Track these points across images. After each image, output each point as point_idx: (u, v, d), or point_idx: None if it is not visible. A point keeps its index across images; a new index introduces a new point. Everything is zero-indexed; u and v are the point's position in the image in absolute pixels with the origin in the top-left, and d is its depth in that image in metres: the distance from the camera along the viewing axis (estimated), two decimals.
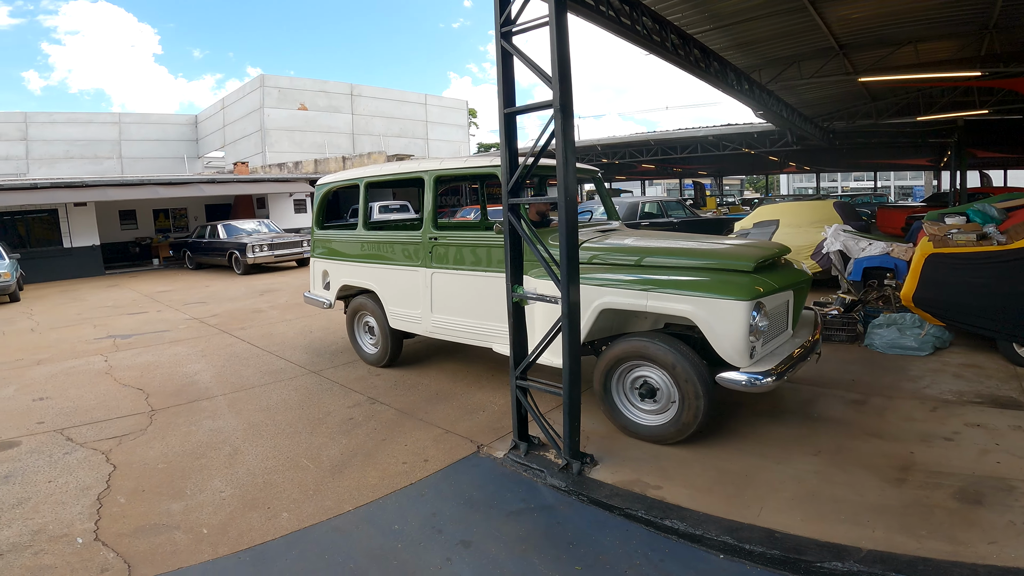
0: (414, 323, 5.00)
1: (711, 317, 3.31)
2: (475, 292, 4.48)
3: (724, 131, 16.95)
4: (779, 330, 3.80)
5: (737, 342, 3.25)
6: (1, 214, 15.47)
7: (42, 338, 7.67)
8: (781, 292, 3.59)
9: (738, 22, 6.17)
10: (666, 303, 3.44)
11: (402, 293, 5.05)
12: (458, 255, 4.61)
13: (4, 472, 3.53)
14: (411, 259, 4.94)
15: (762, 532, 2.65)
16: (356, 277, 5.53)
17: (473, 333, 4.54)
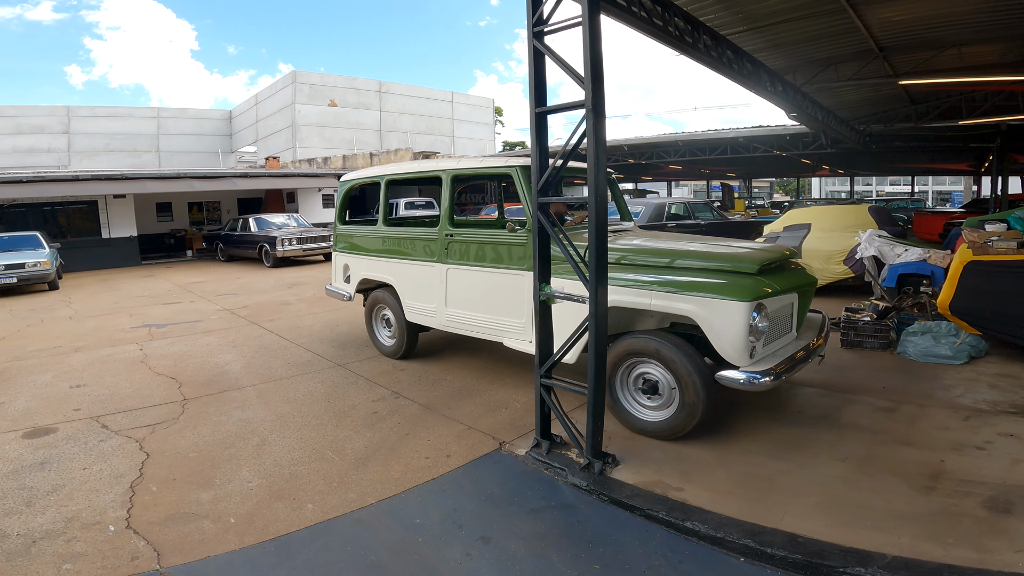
0: (429, 317, 5.15)
1: (712, 317, 3.39)
2: (488, 288, 4.61)
3: (755, 133, 16.66)
4: (782, 332, 3.84)
5: (737, 342, 3.33)
6: (42, 205, 16.06)
7: (80, 326, 7.94)
8: (784, 295, 3.64)
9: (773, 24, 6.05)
10: (669, 302, 3.54)
11: (418, 287, 5.20)
12: (472, 252, 4.75)
13: (41, 458, 3.63)
14: (428, 255, 5.09)
15: (784, 536, 2.63)
16: (375, 271, 5.70)
17: (485, 327, 4.67)
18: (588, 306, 3.18)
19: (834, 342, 5.71)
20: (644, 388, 3.77)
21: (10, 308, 9.76)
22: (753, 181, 38.17)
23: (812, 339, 4.06)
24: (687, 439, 3.60)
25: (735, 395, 4.35)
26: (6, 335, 7.46)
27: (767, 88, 7.32)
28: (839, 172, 30.58)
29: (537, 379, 3.53)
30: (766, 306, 3.44)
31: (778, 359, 3.54)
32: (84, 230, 16.69)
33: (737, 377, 3.36)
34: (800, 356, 3.72)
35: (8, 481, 3.31)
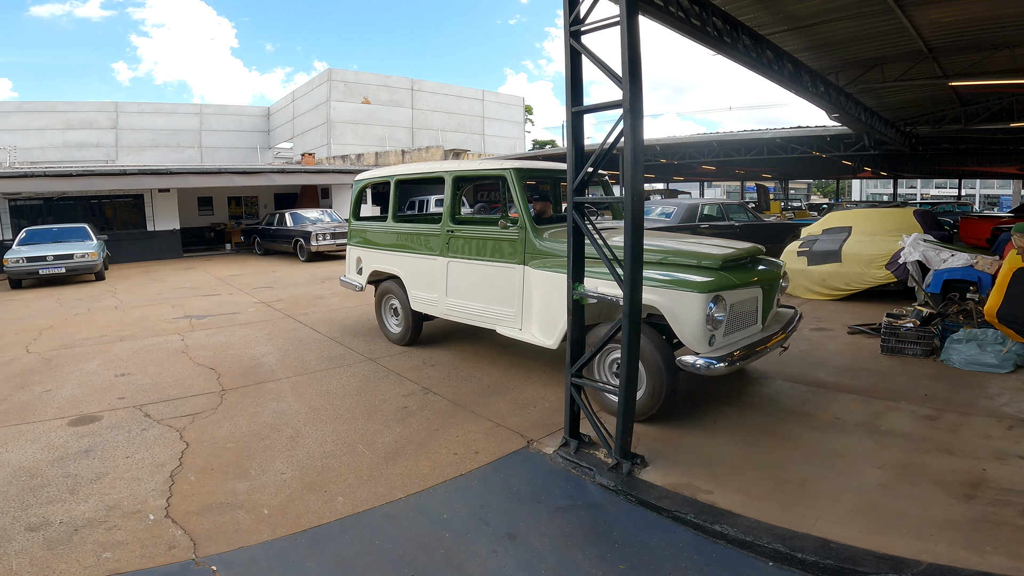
0: (432, 306, 5.58)
1: (674, 307, 3.70)
2: (483, 279, 5.02)
3: (793, 133, 16.25)
4: (746, 323, 4.10)
5: (696, 330, 3.64)
6: (90, 198, 16.72)
7: (125, 316, 8.26)
8: (745, 289, 3.95)
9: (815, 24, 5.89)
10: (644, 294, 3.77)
11: (423, 279, 5.63)
12: (470, 247, 5.17)
13: (86, 446, 3.74)
14: (431, 249, 5.53)
15: (816, 541, 2.58)
16: (385, 264, 6.15)
17: (481, 316, 5.07)
18: (623, 305, 3.17)
19: (874, 348, 5.57)
20: (618, 372, 3.91)
21: (58, 297, 10.21)
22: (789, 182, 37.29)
23: (778, 331, 4.30)
24: (717, 442, 3.58)
25: (770, 402, 4.28)
26: (55, 323, 7.81)
27: (808, 89, 7.14)
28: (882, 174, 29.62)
29: (568, 378, 3.53)
30: (724, 298, 3.73)
31: (737, 347, 3.82)
32: (130, 223, 17.33)
33: (695, 362, 3.63)
34: (761, 347, 3.99)
35: (53, 468, 3.42)
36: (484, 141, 39.72)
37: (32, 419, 4.20)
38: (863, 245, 8.04)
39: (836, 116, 9.68)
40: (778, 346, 4.26)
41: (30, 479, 3.28)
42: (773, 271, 4.40)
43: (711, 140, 18.47)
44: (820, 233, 8.93)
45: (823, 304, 7.81)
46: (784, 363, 5.20)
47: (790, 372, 4.96)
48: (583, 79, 3.35)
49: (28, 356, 6.04)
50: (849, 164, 22.45)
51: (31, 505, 3.00)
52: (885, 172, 27.88)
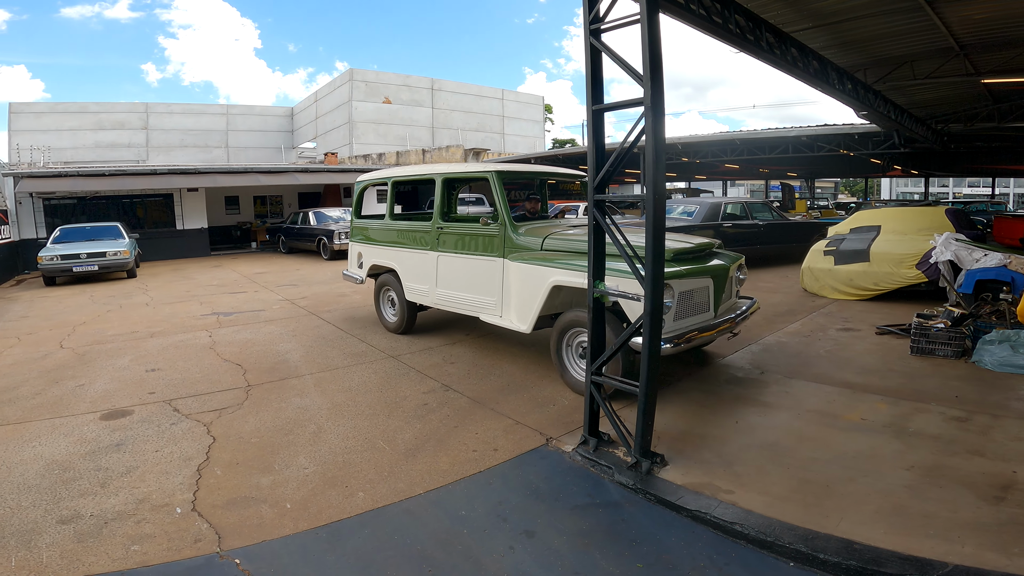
0: (424, 296, 6.09)
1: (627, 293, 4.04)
2: (468, 272, 5.49)
3: (820, 132, 15.92)
4: (698, 310, 4.45)
5: None
6: (122, 197, 17.18)
7: (155, 312, 8.48)
8: (694, 279, 4.38)
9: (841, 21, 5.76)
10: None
11: (416, 272, 6.14)
12: (456, 242, 5.64)
13: (117, 440, 3.83)
14: (423, 245, 6.02)
15: (839, 542, 2.55)
16: (383, 258, 6.69)
17: (466, 304, 5.55)
18: (644, 304, 3.16)
19: (903, 349, 5.46)
20: (582, 354, 4.50)
21: (91, 294, 10.52)
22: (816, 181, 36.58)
23: (729, 318, 4.65)
24: (739, 443, 3.54)
25: (794, 403, 4.23)
26: (88, 320, 8.05)
27: (835, 86, 6.99)
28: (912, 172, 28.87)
29: (588, 376, 3.53)
30: (672, 287, 4.09)
31: (687, 331, 4.19)
32: (160, 222, 17.76)
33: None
34: (708, 332, 4.39)
35: (86, 462, 3.51)
36: (504, 140, 39.79)
37: (65, 413, 4.34)
38: (893, 244, 7.87)
39: (864, 114, 9.46)
40: (727, 332, 4.67)
41: (62, 472, 3.37)
42: (725, 264, 4.74)
43: (734, 138, 18.20)
44: (847, 232, 8.76)
45: (850, 304, 7.66)
46: (810, 364, 5.12)
47: (816, 373, 4.88)
48: (603, 77, 3.35)
49: (62, 351, 6.24)
50: (878, 162, 21.93)
51: (63, 498, 3.09)
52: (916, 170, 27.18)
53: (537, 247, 4.96)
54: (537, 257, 4.83)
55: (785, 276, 10.04)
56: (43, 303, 9.78)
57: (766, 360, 5.30)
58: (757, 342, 5.90)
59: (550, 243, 4.93)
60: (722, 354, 5.49)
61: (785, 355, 5.45)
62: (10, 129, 33.61)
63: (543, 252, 4.90)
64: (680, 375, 4.90)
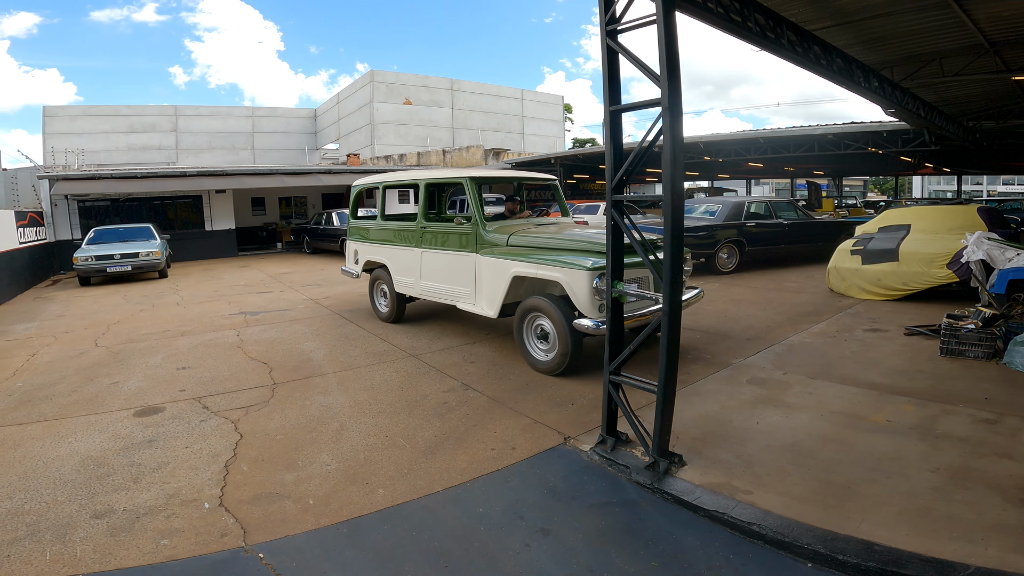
0: (410, 288, 6.80)
1: (570, 281, 4.79)
2: (445, 265, 6.18)
3: (847, 129, 15.60)
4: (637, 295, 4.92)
5: (585, 299, 4.69)
6: (153, 199, 17.65)
7: (186, 311, 8.72)
8: (630, 269, 4.59)
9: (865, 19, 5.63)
10: (547, 272, 5.01)
11: (404, 266, 6.84)
12: (437, 239, 6.33)
13: (150, 436, 3.95)
14: (409, 242, 6.72)
15: (860, 544, 2.53)
16: (376, 255, 7.42)
17: (445, 294, 6.23)
18: (662, 304, 3.16)
19: (932, 350, 5.35)
20: (539, 336, 5.22)
21: (125, 294, 10.85)
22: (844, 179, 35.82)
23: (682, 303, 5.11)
24: (759, 443, 3.51)
25: (817, 403, 4.17)
26: (122, 319, 8.31)
27: (861, 84, 6.84)
28: (944, 170, 28.11)
29: (606, 375, 3.54)
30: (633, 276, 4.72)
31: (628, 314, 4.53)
32: (190, 222, 18.21)
33: (586, 323, 4.62)
34: (646, 316, 4.90)
35: (120, 457, 3.62)
36: (524, 140, 39.77)
37: (100, 410, 4.49)
38: (923, 243, 7.69)
39: (892, 111, 9.23)
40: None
41: (97, 468, 3.49)
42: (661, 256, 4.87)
43: (758, 137, 17.94)
44: (876, 231, 8.58)
45: (878, 304, 7.51)
46: (835, 365, 5.05)
47: (841, 374, 4.81)
48: (620, 77, 3.35)
49: (97, 350, 6.46)
50: (909, 160, 21.41)
51: (97, 493, 3.19)
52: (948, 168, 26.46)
53: (503, 243, 5.61)
54: (502, 252, 5.52)
55: (811, 276, 9.87)
56: (79, 302, 10.12)
57: (789, 361, 5.23)
58: (780, 343, 5.83)
59: (514, 239, 5.57)
60: (743, 354, 5.44)
61: (809, 356, 5.37)
62: (45, 132, 34.58)
63: (508, 247, 5.55)
64: (700, 375, 4.88)
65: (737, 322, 6.79)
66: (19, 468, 3.49)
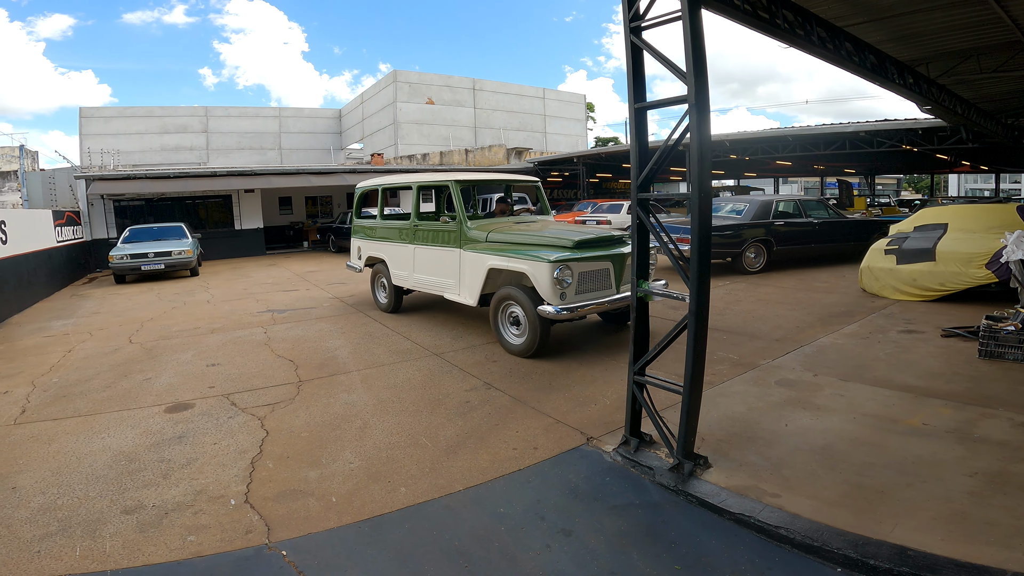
0: (405, 280, 7.44)
1: (534, 272, 5.34)
2: (434, 260, 6.84)
3: (880, 127, 15.18)
4: (599, 287, 5.58)
5: (547, 288, 5.22)
6: (184, 198, 18.07)
7: (216, 309, 8.91)
8: (591, 262, 5.46)
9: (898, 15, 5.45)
10: (516, 264, 5.57)
11: (400, 261, 7.52)
12: (427, 236, 6.97)
13: (180, 432, 4.02)
14: (404, 239, 7.39)
15: (892, 548, 2.46)
16: (376, 251, 8.09)
17: (435, 285, 6.86)
18: (689, 303, 3.11)
19: (970, 352, 5.18)
20: (512, 322, 5.77)
21: (158, 292, 11.13)
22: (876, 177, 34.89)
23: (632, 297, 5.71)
24: (788, 446, 3.44)
25: (848, 406, 4.07)
26: (155, 316, 8.53)
27: (895, 81, 6.63)
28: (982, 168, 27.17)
29: (630, 376, 3.50)
30: (570, 267, 5.26)
31: (584, 303, 5.34)
32: (220, 222, 18.62)
33: (547, 309, 5.20)
34: (604, 305, 5.49)
35: (150, 453, 3.69)
36: (546, 139, 39.65)
37: (133, 406, 4.61)
38: (960, 243, 7.44)
39: (928, 108, 8.93)
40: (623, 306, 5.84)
41: (128, 463, 3.56)
42: (622, 251, 5.73)
43: (786, 134, 17.58)
44: (911, 230, 8.33)
45: (913, 305, 7.29)
46: (868, 366, 4.92)
47: (874, 376, 4.68)
48: (645, 75, 3.30)
49: (131, 346, 6.64)
50: (945, 158, 20.76)
51: (128, 488, 3.24)
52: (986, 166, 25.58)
53: (483, 239, 6.17)
54: (482, 247, 6.11)
55: (842, 276, 9.64)
56: (114, 300, 10.42)
57: (820, 362, 5.11)
58: (810, 344, 5.70)
59: (492, 236, 6.13)
60: (772, 356, 5.33)
61: (841, 357, 5.24)
62: (81, 133, 35.64)
63: (487, 243, 6.11)
64: (727, 376, 4.80)
65: (765, 322, 6.66)
66: (53, 463, 3.58)
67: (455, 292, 6.51)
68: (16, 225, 9.67)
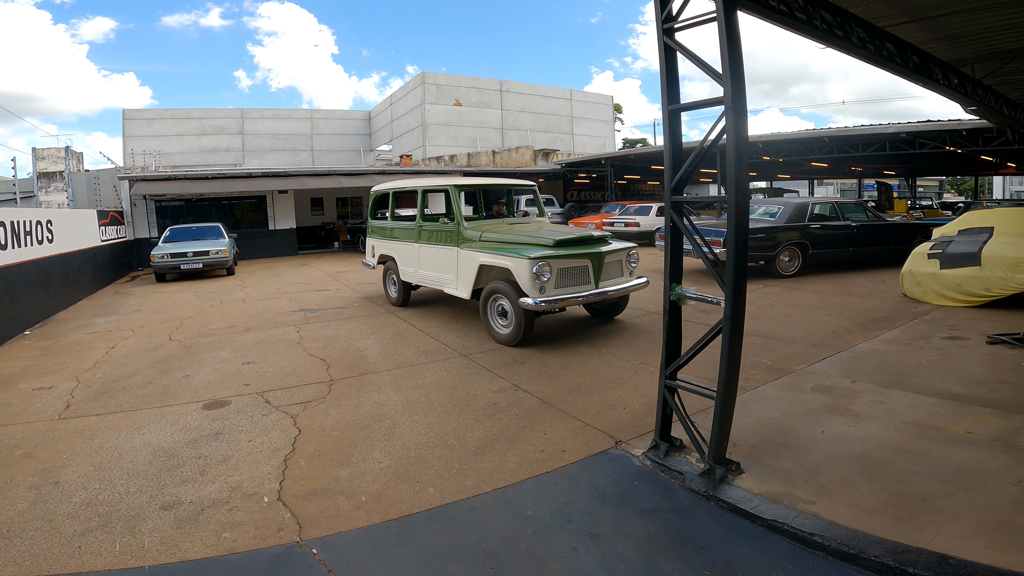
0: (412, 276, 8.10)
1: (516, 268, 5.90)
2: (437, 257, 7.46)
3: (922, 128, 14.69)
4: (578, 282, 6.11)
5: (527, 282, 5.78)
6: (221, 199, 18.56)
7: (251, 308, 9.13)
8: (569, 259, 5.98)
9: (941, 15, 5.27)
10: (502, 260, 6.15)
11: (407, 258, 8.20)
12: (429, 236, 7.62)
13: (217, 429, 4.10)
14: (410, 238, 8.05)
15: (932, 557, 2.38)
16: (387, 249, 8.77)
17: (436, 281, 7.53)
18: (724, 307, 3.06)
19: (1016, 359, 5.00)
20: (500, 313, 6.33)
21: (196, 290, 11.46)
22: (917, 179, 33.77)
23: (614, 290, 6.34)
24: (824, 453, 3.35)
25: (889, 413, 3.94)
26: (193, 314, 8.78)
27: (939, 81, 6.41)
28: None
29: (661, 380, 3.46)
30: (549, 264, 5.79)
31: (563, 296, 5.89)
32: (254, 222, 19.07)
33: (527, 301, 5.73)
34: (580, 299, 6.03)
35: (189, 449, 3.77)
36: (573, 141, 39.46)
37: (173, 402, 4.74)
38: (1007, 247, 7.16)
39: (973, 109, 8.60)
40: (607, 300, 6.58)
41: (168, 459, 3.65)
42: (601, 250, 6.23)
43: (823, 135, 17.13)
44: (955, 234, 8.05)
45: (958, 311, 7.03)
46: (909, 373, 4.76)
47: (916, 383, 4.53)
48: (679, 76, 3.27)
49: (171, 344, 6.85)
50: (990, 160, 19.96)
51: (167, 484, 3.31)
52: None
53: (476, 239, 6.73)
54: (475, 246, 6.68)
55: (882, 280, 9.36)
56: (155, 298, 10.77)
57: (858, 368, 4.97)
58: (848, 349, 5.54)
59: (484, 236, 6.70)
60: (807, 361, 5.20)
61: (881, 363, 5.09)
62: (124, 135, 36.86)
63: (479, 242, 6.66)
64: (760, 381, 4.70)
65: (800, 327, 6.51)
66: (95, 458, 3.69)
67: (453, 286, 7.10)
68: (62, 225, 10.07)
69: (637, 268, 7.01)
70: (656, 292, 9.14)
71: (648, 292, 9.14)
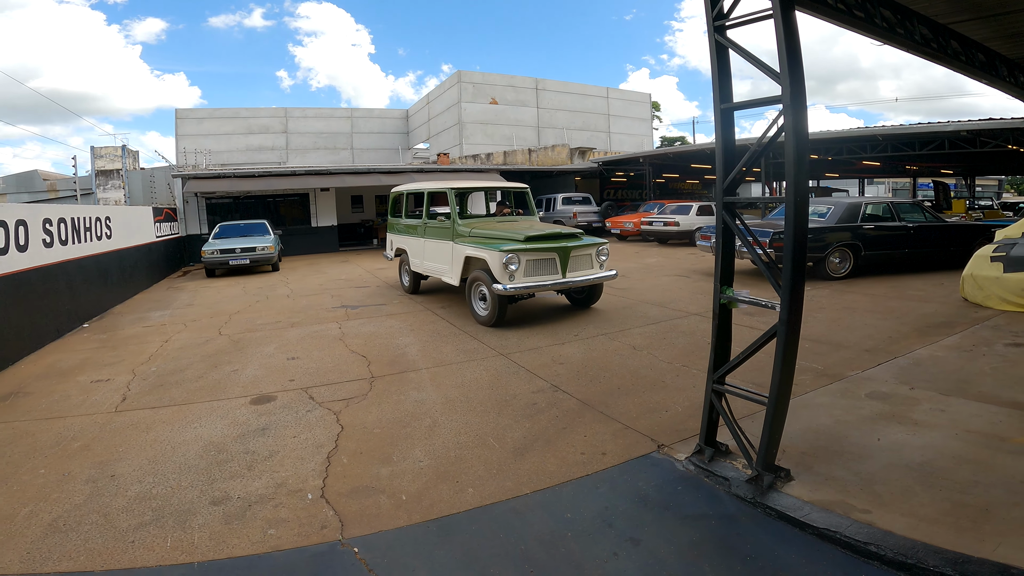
0: (419, 267, 9.23)
1: (489, 259, 6.85)
2: (437, 250, 8.45)
3: (983, 126, 13.96)
4: (546, 272, 6.96)
5: (498, 271, 6.70)
6: (266, 196, 19.10)
7: (295, 304, 9.37)
8: (537, 252, 6.88)
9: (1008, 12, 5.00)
10: (480, 252, 7.08)
11: (416, 251, 9.32)
12: (432, 232, 8.61)
13: (263, 424, 4.16)
14: (419, 234, 9.10)
15: (994, 567, 2.28)
16: (401, 243, 9.94)
17: (437, 271, 8.54)
18: (779, 311, 2.96)
19: None
20: (480, 298, 7.22)
21: (243, 286, 11.83)
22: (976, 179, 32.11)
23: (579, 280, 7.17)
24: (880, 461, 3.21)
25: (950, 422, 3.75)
26: (241, 309, 9.07)
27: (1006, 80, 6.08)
28: None
29: (709, 383, 3.38)
30: (517, 256, 6.68)
31: (530, 284, 6.77)
32: (297, 219, 19.57)
33: (497, 287, 6.63)
34: (548, 287, 6.94)
35: (237, 444, 3.83)
36: (610, 139, 38.94)
37: (222, 397, 4.87)
38: None
39: None
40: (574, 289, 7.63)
41: (217, 454, 3.70)
42: (568, 244, 7.07)
43: (876, 134, 16.44)
44: (1020, 236, 7.62)
45: (1021, 317, 6.65)
46: (971, 381, 4.53)
47: (978, 391, 4.30)
48: (731, 74, 3.18)
49: (220, 338, 7.08)
50: None
51: (216, 479, 3.36)
52: None
53: (468, 235, 7.62)
54: (465, 240, 7.58)
55: (940, 284, 8.92)
56: (205, 292, 11.18)
57: (916, 375, 4.75)
58: (905, 355, 5.30)
59: (474, 232, 7.56)
60: (861, 366, 5.00)
61: (940, 370, 4.85)
62: (177, 134, 38.27)
63: (469, 237, 7.55)
64: (810, 386, 4.55)
65: (852, 331, 6.26)
66: (150, 452, 3.78)
67: (449, 276, 8.10)
68: (119, 221, 10.55)
69: (608, 261, 7.66)
70: (697, 293, 8.98)
71: (689, 293, 8.99)
